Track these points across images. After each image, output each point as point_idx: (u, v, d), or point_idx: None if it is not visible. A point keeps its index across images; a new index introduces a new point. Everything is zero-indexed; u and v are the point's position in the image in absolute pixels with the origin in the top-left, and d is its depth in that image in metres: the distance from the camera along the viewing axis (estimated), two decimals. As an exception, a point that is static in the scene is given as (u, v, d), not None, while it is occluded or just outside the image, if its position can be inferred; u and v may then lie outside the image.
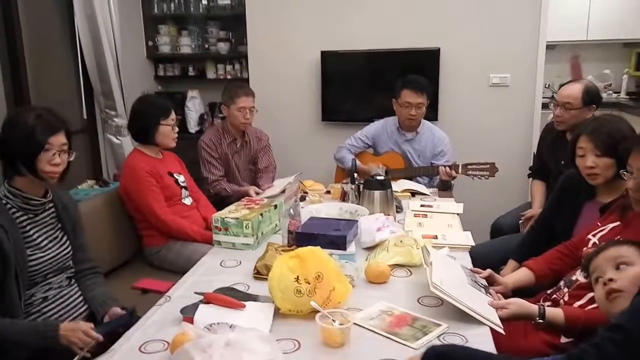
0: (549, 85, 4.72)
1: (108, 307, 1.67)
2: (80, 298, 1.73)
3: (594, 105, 2.49)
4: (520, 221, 2.73)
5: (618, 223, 1.63)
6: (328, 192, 2.71)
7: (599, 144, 1.82)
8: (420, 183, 2.89)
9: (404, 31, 3.63)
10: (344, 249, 1.82)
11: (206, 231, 2.42)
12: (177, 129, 2.53)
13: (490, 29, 3.56)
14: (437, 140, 3.01)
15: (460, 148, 3.23)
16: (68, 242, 1.71)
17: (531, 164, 3.14)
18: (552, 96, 2.71)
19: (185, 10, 4.03)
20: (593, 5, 4.89)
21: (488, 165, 2.70)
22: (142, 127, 2.45)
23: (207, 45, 4.11)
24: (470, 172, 2.71)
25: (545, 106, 3.75)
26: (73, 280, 1.74)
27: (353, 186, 2.40)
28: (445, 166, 2.73)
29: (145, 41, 4.06)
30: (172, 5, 4.02)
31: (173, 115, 2.48)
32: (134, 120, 2.50)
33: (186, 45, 4.10)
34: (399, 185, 2.73)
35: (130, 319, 1.50)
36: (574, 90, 2.49)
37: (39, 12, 3.19)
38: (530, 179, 2.96)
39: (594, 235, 1.67)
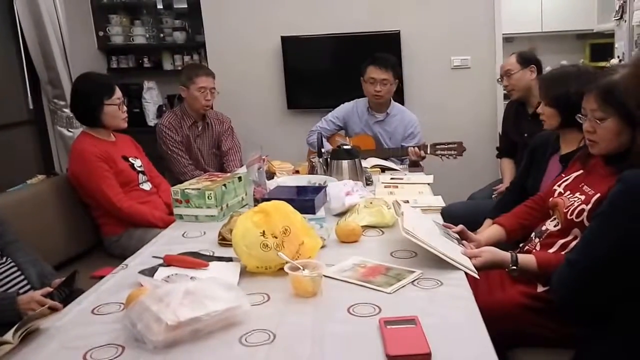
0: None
1: (49, 283, 1.56)
2: (18, 273, 1.61)
3: (533, 66, 2.69)
4: (494, 195, 2.73)
5: (581, 171, 1.64)
6: (297, 171, 2.63)
7: (543, 92, 1.94)
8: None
9: (364, 14, 3.60)
10: (313, 212, 1.74)
11: (169, 216, 2.29)
12: (125, 108, 2.36)
13: (449, 10, 3.57)
14: (407, 122, 2.99)
15: (426, 130, 3.20)
16: None
17: (496, 142, 3.18)
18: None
19: (137, -2, 3.90)
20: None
21: (455, 145, 2.72)
22: (86, 109, 2.28)
23: (162, 35, 3.97)
24: (438, 152, 2.71)
25: (507, 97, 3.78)
26: (5, 258, 1.63)
27: (321, 159, 2.33)
28: (414, 147, 2.73)
29: (96, 31, 3.87)
30: (123, -7, 3.87)
31: (118, 94, 2.31)
32: (76, 102, 2.33)
33: (140, 35, 3.94)
34: (369, 162, 2.69)
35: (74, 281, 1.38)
36: (509, 58, 2.80)
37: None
38: (499, 159, 2.99)
39: (559, 186, 1.68)
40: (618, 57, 3.09)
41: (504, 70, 2.78)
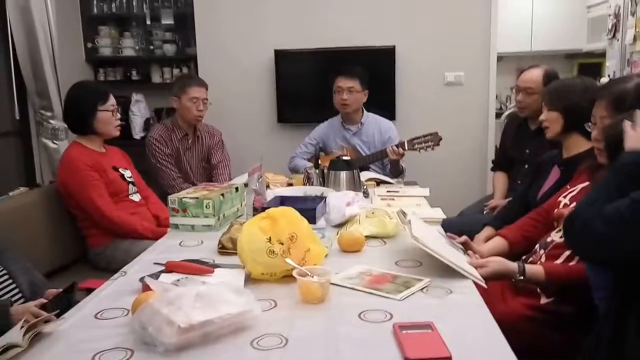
0: (497, 95, 4.73)
1: (41, 293, 1.49)
2: (10, 281, 1.54)
3: None
4: (485, 212, 2.68)
5: (587, 183, 1.63)
6: (290, 184, 2.62)
7: (548, 99, 1.95)
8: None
9: (359, 29, 3.61)
10: (314, 222, 1.73)
11: (158, 228, 2.25)
12: (119, 116, 2.35)
13: (444, 27, 3.60)
14: (383, 129, 3.00)
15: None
16: None
17: (488, 159, 3.16)
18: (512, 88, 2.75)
19: (127, 10, 3.85)
20: (535, 16, 5.07)
21: (431, 136, 2.72)
22: (79, 115, 2.25)
23: (151, 48, 3.94)
24: (416, 146, 2.72)
25: (498, 115, 3.83)
26: None
27: (317, 170, 2.33)
28: (392, 146, 2.74)
29: (84, 43, 3.83)
30: (113, 5, 3.83)
31: (112, 101, 2.29)
32: (69, 108, 2.30)
33: (129, 47, 3.90)
34: (363, 176, 2.68)
35: (73, 292, 1.33)
36: (535, 74, 2.50)
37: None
38: (493, 172, 2.92)
39: (564, 197, 1.68)
40: (609, 75, 3.11)
41: (524, 85, 2.51)
